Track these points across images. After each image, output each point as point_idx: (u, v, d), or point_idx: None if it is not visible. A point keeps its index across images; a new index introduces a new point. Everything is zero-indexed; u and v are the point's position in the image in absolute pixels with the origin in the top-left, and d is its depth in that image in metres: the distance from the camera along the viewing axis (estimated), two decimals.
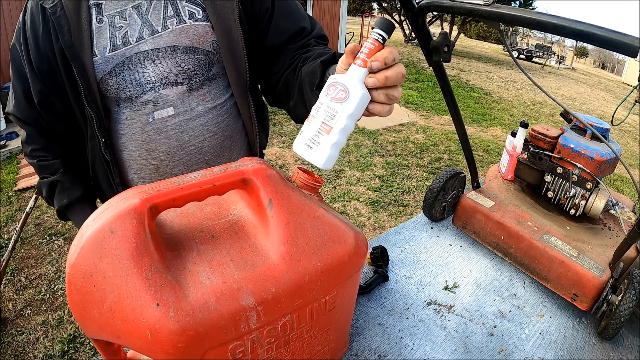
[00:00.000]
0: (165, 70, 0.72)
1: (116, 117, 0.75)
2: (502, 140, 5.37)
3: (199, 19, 0.74)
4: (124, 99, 0.73)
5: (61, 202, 0.83)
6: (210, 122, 0.78)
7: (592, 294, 0.79)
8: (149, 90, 0.72)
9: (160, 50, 0.71)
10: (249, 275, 0.46)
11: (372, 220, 3.11)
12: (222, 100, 0.80)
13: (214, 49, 0.75)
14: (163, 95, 0.73)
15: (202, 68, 0.75)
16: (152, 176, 0.79)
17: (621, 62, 28.11)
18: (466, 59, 13.10)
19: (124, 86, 0.71)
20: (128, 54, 0.70)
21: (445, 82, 0.87)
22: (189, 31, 0.73)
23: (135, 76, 0.71)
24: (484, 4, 0.63)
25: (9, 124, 4.43)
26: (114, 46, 0.70)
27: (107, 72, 0.70)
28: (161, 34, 0.71)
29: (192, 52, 0.73)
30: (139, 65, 0.71)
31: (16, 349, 1.88)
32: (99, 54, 0.69)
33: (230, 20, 0.74)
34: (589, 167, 0.93)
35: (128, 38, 0.70)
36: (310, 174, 0.58)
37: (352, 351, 0.71)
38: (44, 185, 0.84)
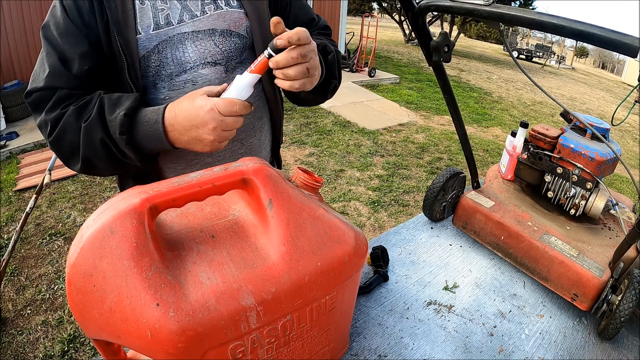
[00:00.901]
0: (205, 51, 0.77)
1: (153, 97, 0.77)
2: (502, 140, 5.37)
3: (234, 7, 0.81)
4: (163, 77, 0.76)
5: (117, 119, 0.67)
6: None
7: (592, 294, 0.79)
8: (188, 69, 0.76)
9: (200, 32, 0.76)
10: (249, 275, 0.46)
11: (372, 220, 3.11)
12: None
13: (247, 34, 0.81)
14: (202, 75, 0.77)
15: (237, 51, 0.81)
16: (187, 156, 0.81)
17: (621, 62, 28.11)
18: (466, 59, 13.10)
19: (165, 63, 0.75)
20: (170, 33, 0.74)
21: (445, 82, 0.87)
22: (225, 16, 0.79)
23: (177, 55, 0.75)
24: (484, 4, 0.63)
25: (9, 123, 4.43)
26: (158, 25, 0.73)
27: (150, 49, 0.73)
28: (200, 18, 0.76)
29: (229, 35, 0.79)
30: (180, 45, 0.75)
31: (16, 349, 1.88)
32: (143, 32, 0.72)
33: (261, 9, 0.82)
34: (589, 167, 0.93)
35: (170, 19, 0.74)
36: (310, 174, 0.58)
37: (352, 351, 0.71)
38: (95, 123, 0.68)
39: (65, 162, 0.74)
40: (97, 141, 0.68)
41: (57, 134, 0.69)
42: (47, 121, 0.69)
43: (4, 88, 4.40)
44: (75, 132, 0.68)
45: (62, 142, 0.70)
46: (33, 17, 4.54)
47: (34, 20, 4.56)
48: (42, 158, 3.76)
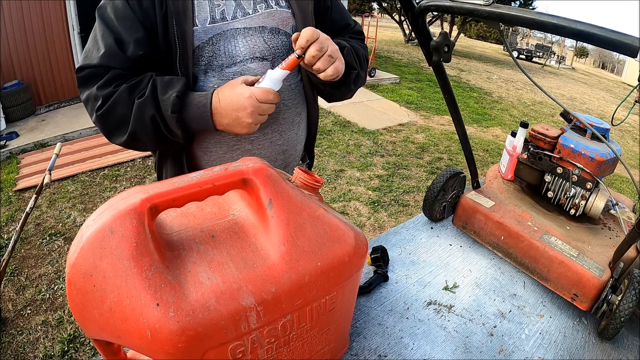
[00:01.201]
0: (254, 47, 0.82)
1: (202, 85, 0.82)
2: (502, 140, 5.37)
3: (283, 7, 0.87)
4: (214, 67, 0.81)
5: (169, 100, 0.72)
6: (287, 97, 0.89)
7: (592, 294, 0.79)
8: (238, 62, 0.82)
9: (250, 29, 0.82)
10: (249, 275, 0.46)
11: (372, 220, 3.11)
12: (296, 81, 0.91)
13: (293, 33, 0.85)
14: (250, 69, 0.82)
15: (284, 48, 0.86)
16: (229, 142, 0.86)
17: (621, 62, 28.11)
18: (466, 59, 13.10)
19: (217, 55, 0.80)
20: (225, 28, 0.80)
21: (445, 82, 0.87)
22: (275, 15, 0.85)
23: (229, 48, 0.80)
24: (484, 4, 0.63)
25: (9, 123, 4.43)
26: (214, 19, 0.79)
27: (205, 40, 0.79)
28: (252, 15, 0.82)
29: (277, 32, 0.85)
30: (232, 39, 0.81)
31: (16, 349, 1.88)
32: (200, 24, 0.78)
33: (306, 11, 0.88)
34: (589, 167, 0.93)
35: (225, 15, 0.80)
36: (310, 174, 0.58)
37: (352, 351, 0.71)
38: (148, 101, 0.73)
39: (108, 135, 0.78)
40: (148, 118, 0.74)
41: (107, 107, 0.74)
42: (99, 96, 0.74)
43: (4, 88, 4.40)
44: (127, 107, 0.74)
45: (112, 116, 0.75)
46: (33, 17, 4.54)
47: (34, 20, 4.56)
48: (42, 158, 3.76)
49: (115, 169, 3.66)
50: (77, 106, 5.09)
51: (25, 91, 4.58)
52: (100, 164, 3.69)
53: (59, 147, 1.92)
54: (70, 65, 5.11)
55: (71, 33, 4.97)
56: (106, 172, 3.61)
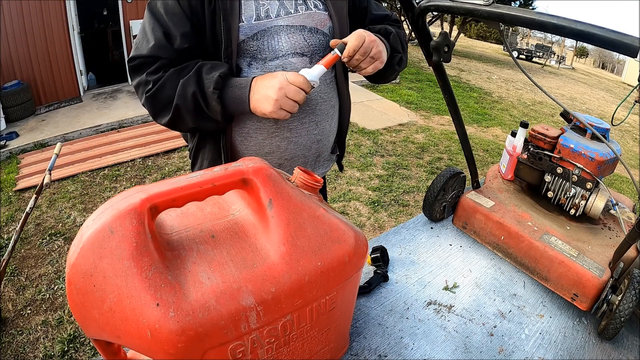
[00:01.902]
0: (295, 43, 0.89)
1: (246, 76, 0.88)
2: (502, 140, 5.37)
3: (321, 9, 0.94)
4: (258, 60, 0.88)
5: (213, 78, 0.79)
6: (323, 90, 0.96)
7: (592, 294, 0.79)
8: (280, 56, 0.88)
9: (292, 27, 0.89)
10: (249, 275, 0.46)
11: (372, 220, 3.11)
12: (330, 77, 0.99)
13: (330, 33, 0.95)
14: (291, 63, 0.89)
15: (321, 46, 0.94)
16: (269, 128, 0.92)
17: (621, 62, 28.09)
18: (466, 59, 13.10)
19: (261, 49, 0.87)
20: (269, 25, 0.87)
21: (445, 82, 0.87)
22: (314, 16, 0.92)
23: (272, 43, 0.87)
24: (484, 4, 0.63)
25: (9, 123, 4.43)
26: (259, 17, 0.86)
27: (250, 35, 0.85)
28: (294, 15, 0.89)
29: (315, 32, 0.92)
30: (275, 35, 0.87)
31: (16, 349, 1.88)
32: (246, 21, 0.85)
33: (342, 14, 0.96)
34: (589, 167, 0.93)
35: (269, 13, 0.87)
36: (311, 174, 0.58)
37: (352, 351, 0.71)
38: (191, 79, 0.80)
39: (155, 115, 0.86)
40: (190, 94, 0.80)
41: (156, 89, 0.81)
42: (149, 81, 0.82)
43: (4, 88, 4.40)
44: (172, 88, 0.81)
45: (159, 96, 0.82)
46: (33, 17, 4.54)
47: (34, 20, 4.55)
48: (42, 158, 3.76)
49: (115, 169, 3.66)
50: (77, 106, 5.09)
51: (25, 91, 4.58)
52: (100, 164, 3.69)
53: (59, 147, 1.91)
54: (70, 65, 5.11)
55: (71, 33, 4.97)
56: (106, 172, 3.61)
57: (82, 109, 4.98)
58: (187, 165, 3.80)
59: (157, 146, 4.06)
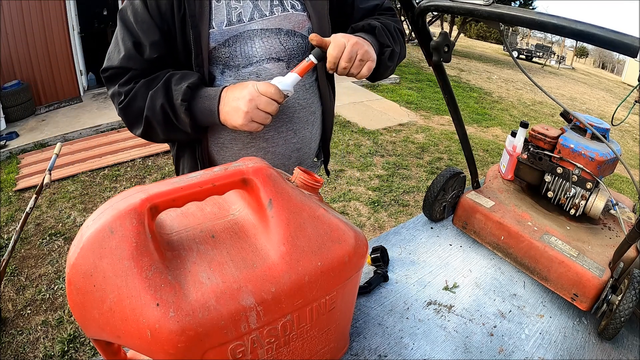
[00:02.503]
0: (270, 48, 0.85)
1: (219, 84, 0.85)
2: (502, 140, 5.37)
3: (298, 10, 0.88)
4: (231, 67, 0.84)
5: (181, 89, 0.76)
6: (301, 97, 0.91)
7: (592, 294, 0.79)
8: (254, 62, 0.84)
9: (267, 30, 0.84)
10: (249, 275, 0.46)
11: (372, 220, 3.11)
12: (310, 81, 0.93)
13: (309, 35, 0.86)
14: (266, 69, 0.85)
15: (300, 50, 0.88)
16: (244, 139, 0.89)
17: (621, 62, 28.09)
18: (466, 59, 13.10)
19: (234, 56, 0.83)
20: (241, 29, 0.82)
21: (445, 82, 0.87)
22: (291, 18, 0.87)
23: (245, 49, 0.83)
24: (484, 4, 0.63)
25: (9, 123, 4.43)
26: (230, 22, 0.82)
27: (222, 42, 0.81)
28: (269, 17, 0.84)
29: (293, 35, 0.87)
30: (249, 40, 0.83)
31: (16, 349, 1.88)
32: (216, 27, 0.81)
33: (322, 14, 0.90)
34: (589, 167, 0.93)
35: (242, 17, 0.82)
36: (310, 174, 0.58)
37: (352, 351, 0.71)
38: (159, 91, 0.77)
39: (130, 127, 0.85)
40: (159, 106, 0.78)
41: (128, 100, 0.80)
42: (121, 92, 0.80)
43: (4, 88, 4.40)
44: (143, 99, 0.79)
45: (131, 107, 0.80)
46: (33, 17, 4.54)
47: (34, 20, 4.55)
48: (42, 158, 3.76)
49: (115, 169, 3.66)
50: (77, 106, 5.09)
51: (25, 91, 4.58)
52: (100, 164, 3.69)
53: (59, 147, 1.92)
54: (70, 65, 5.11)
55: (71, 33, 4.97)
56: (106, 172, 3.61)
57: (82, 109, 4.98)
58: None
59: (157, 146, 4.06)
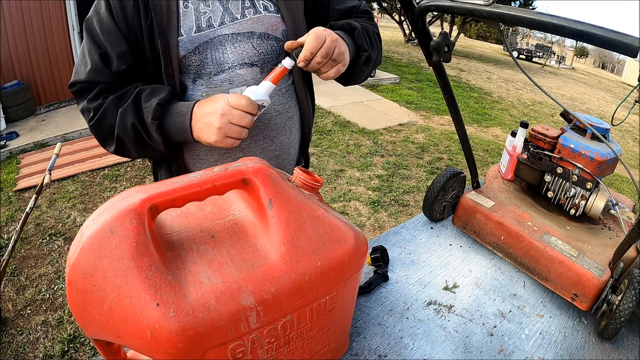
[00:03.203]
0: (243, 53, 0.81)
1: (191, 93, 0.82)
2: (502, 140, 5.36)
3: (272, 11, 0.85)
4: (202, 75, 0.80)
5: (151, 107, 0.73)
6: (277, 102, 0.87)
7: (592, 294, 0.79)
8: (226, 69, 0.81)
9: (239, 35, 0.81)
10: (249, 275, 0.46)
11: (372, 220, 3.11)
12: (287, 85, 0.90)
13: (283, 38, 0.85)
14: (239, 75, 0.82)
15: (274, 53, 0.85)
16: (220, 150, 0.86)
17: (621, 62, 28.08)
18: (466, 59, 13.10)
19: (205, 64, 0.79)
20: (211, 35, 0.79)
21: (445, 82, 0.87)
22: (264, 20, 0.83)
23: (216, 55, 0.79)
24: (484, 4, 0.63)
25: (9, 123, 4.43)
26: (199, 28, 0.78)
27: (191, 50, 0.78)
28: (240, 21, 0.81)
29: (266, 38, 0.83)
30: (220, 46, 0.79)
31: (16, 349, 1.88)
32: (185, 34, 0.77)
33: (296, 15, 0.86)
34: (589, 167, 0.93)
35: (212, 22, 0.79)
36: (310, 174, 0.58)
37: (352, 351, 0.71)
38: (129, 109, 0.74)
39: (102, 144, 0.82)
40: (130, 125, 0.75)
41: (98, 118, 0.77)
42: (90, 108, 0.77)
43: (4, 88, 4.40)
44: (113, 117, 0.76)
45: (102, 125, 0.77)
46: (33, 17, 4.54)
47: (34, 20, 4.55)
48: (42, 158, 3.76)
49: (115, 169, 3.66)
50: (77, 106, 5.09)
51: (25, 91, 4.58)
52: (100, 164, 3.69)
53: (59, 147, 1.92)
54: (70, 65, 5.10)
55: (71, 33, 4.97)
56: (106, 172, 3.61)
57: None
58: None
59: None
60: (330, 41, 0.74)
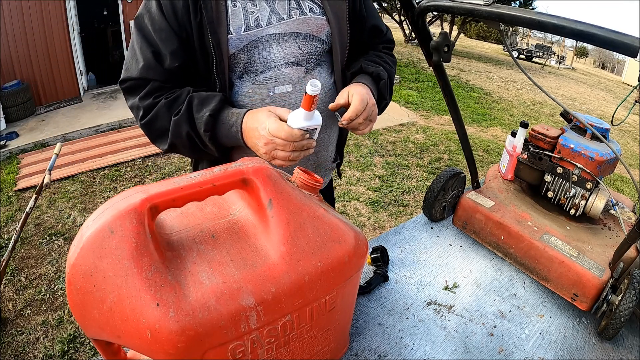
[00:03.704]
0: (289, 52, 0.83)
1: (238, 90, 0.84)
2: (502, 140, 5.36)
3: (317, 13, 0.86)
4: (249, 72, 0.83)
5: (203, 119, 0.75)
6: (321, 100, 0.89)
7: (592, 294, 0.79)
8: (273, 67, 0.83)
9: (285, 34, 0.83)
10: (249, 275, 0.46)
11: (372, 220, 3.11)
12: (328, 84, 0.92)
13: (327, 39, 0.88)
14: (284, 73, 0.84)
15: (317, 54, 0.88)
16: None
17: (621, 62, 28.07)
18: (466, 59, 13.10)
19: (252, 61, 0.82)
20: (259, 34, 0.81)
21: (445, 82, 0.87)
22: (309, 22, 0.85)
23: (263, 54, 0.82)
24: (484, 4, 0.62)
25: (9, 123, 4.43)
26: (248, 27, 0.80)
27: (240, 48, 0.80)
28: (287, 21, 0.83)
29: (311, 39, 0.86)
30: (267, 45, 0.82)
31: (16, 349, 1.88)
32: (234, 32, 0.79)
33: (341, 19, 0.88)
34: (589, 167, 0.93)
35: (259, 21, 0.81)
36: (311, 174, 0.58)
37: (352, 351, 0.71)
38: (183, 119, 0.76)
39: (153, 142, 0.84)
40: (184, 134, 0.78)
41: (149, 119, 0.79)
42: (140, 107, 0.79)
43: (4, 88, 4.40)
44: (166, 121, 0.78)
45: (152, 127, 0.80)
46: (33, 17, 4.54)
47: (34, 20, 4.55)
48: (42, 158, 3.76)
49: (115, 169, 3.66)
50: (77, 106, 5.09)
51: (25, 91, 4.58)
52: (100, 164, 3.69)
53: (59, 147, 1.91)
54: (70, 65, 5.11)
55: (71, 33, 4.97)
56: (106, 172, 3.61)
57: (82, 109, 4.98)
58: (187, 165, 3.80)
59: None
60: (372, 105, 0.81)
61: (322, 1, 0.87)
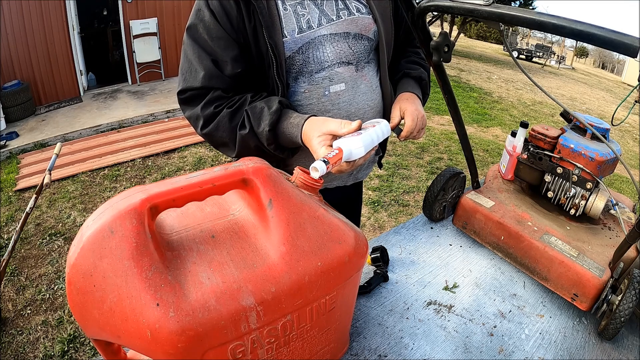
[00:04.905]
0: (340, 52, 0.86)
1: (294, 91, 0.87)
2: (502, 140, 5.36)
3: (364, 13, 0.89)
4: (304, 73, 0.85)
5: (264, 134, 0.78)
6: (369, 98, 0.93)
7: (592, 294, 0.79)
8: (326, 67, 0.86)
9: (336, 35, 0.85)
10: (249, 275, 0.46)
11: (372, 220, 3.11)
12: (376, 82, 0.96)
13: (374, 37, 0.91)
14: (337, 73, 0.87)
15: (366, 52, 0.91)
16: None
17: (621, 62, 28.06)
18: (466, 59, 13.09)
19: (307, 62, 0.84)
20: (312, 36, 0.83)
21: (445, 82, 0.87)
22: (357, 22, 0.88)
23: (317, 55, 0.84)
24: (484, 4, 0.62)
25: (9, 123, 4.43)
26: (301, 29, 0.82)
27: (296, 50, 0.82)
28: (336, 22, 0.85)
29: (360, 38, 0.88)
30: (320, 46, 0.84)
31: (16, 349, 1.88)
32: (289, 35, 0.81)
33: (386, 17, 0.92)
34: (589, 167, 0.93)
35: (311, 23, 0.83)
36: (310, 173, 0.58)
37: (352, 351, 0.71)
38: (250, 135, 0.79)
39: (216, 148, 0.87)
40: (253, 147, 0.82)
41: (211, 128, 0.81)
42: (201, 116, 0.81)
43: (4, 88, 4.40)
44: (228, 132, 0.81)
45: (215, 136, 0.83)
46: (33, 17, 4.53)
47: (34, 20, 4.55)
48: (42, 158, 3.76)
49: (115, 169, 3.66)
50: (77, 106, 5.09)
51: (25, 91, 4.58)
52: (100, 164, 3.69)
53: (59, 147, 1.91)
54: (70, 65, 5.10)
55: (71, 33, 4.97)
56: (106, 172, 3.61)
57: (82, 109, 4.98)
58: (187, 165, 3.80)
59: (157, 146, 4.06)
60: (421, 118, 0.89)
61: (368, 0, 0.90)
